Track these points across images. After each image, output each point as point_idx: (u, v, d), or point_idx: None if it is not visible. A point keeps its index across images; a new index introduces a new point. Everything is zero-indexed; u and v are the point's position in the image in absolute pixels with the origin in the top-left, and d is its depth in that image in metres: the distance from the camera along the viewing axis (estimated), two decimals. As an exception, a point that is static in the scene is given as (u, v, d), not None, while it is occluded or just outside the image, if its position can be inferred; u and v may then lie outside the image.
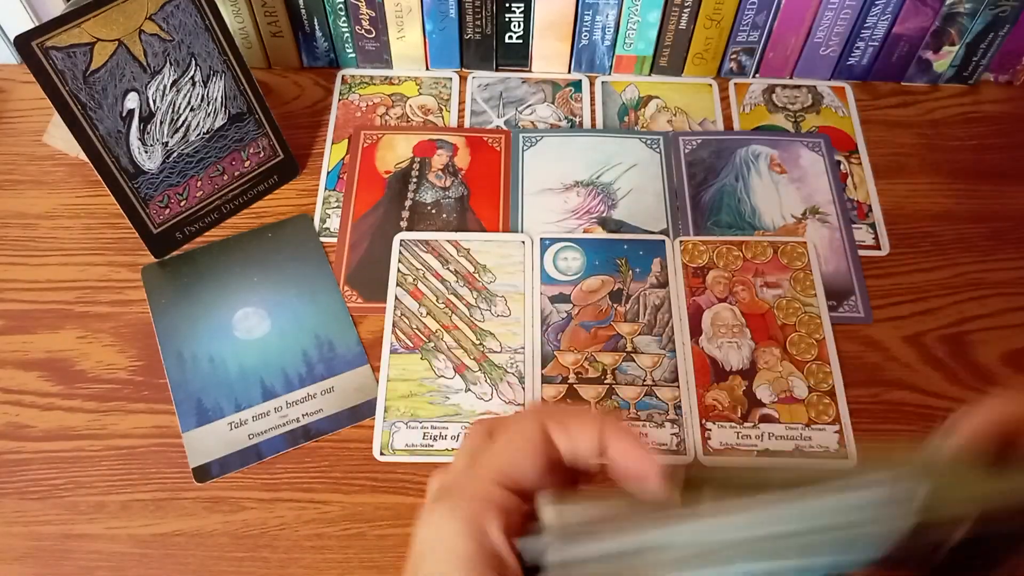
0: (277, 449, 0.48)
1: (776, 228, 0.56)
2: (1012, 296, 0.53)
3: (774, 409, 0.49)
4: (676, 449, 0.48)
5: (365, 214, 0.56)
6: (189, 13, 0.50)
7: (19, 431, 0.48)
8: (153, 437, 0.48)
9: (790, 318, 0.52)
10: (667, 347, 0.51)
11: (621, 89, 0.63)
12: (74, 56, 0.47)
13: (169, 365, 0.50)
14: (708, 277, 0.53)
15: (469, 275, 0.54)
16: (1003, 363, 0.51)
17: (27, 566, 0.44)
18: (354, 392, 0.49)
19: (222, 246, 0.55)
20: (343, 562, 0.44)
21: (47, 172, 0.58)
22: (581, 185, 0.57)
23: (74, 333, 0.51)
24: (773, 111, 0.62)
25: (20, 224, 0.56)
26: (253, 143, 0.55)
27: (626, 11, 0.59)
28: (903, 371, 0.51)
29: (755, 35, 0.61)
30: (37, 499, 0.46)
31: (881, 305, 0.53)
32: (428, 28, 0.60)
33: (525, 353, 0.51)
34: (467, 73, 0.64)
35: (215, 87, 0.52)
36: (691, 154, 0.59)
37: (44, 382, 0.50)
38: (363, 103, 0.62)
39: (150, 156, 0.51)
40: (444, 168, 0.58)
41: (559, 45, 0.62)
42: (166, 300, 0.52)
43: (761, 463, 0.48)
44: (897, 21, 0.59)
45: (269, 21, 0.60)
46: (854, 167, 0.59)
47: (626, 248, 0.55)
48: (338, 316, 0.52)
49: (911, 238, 0.56)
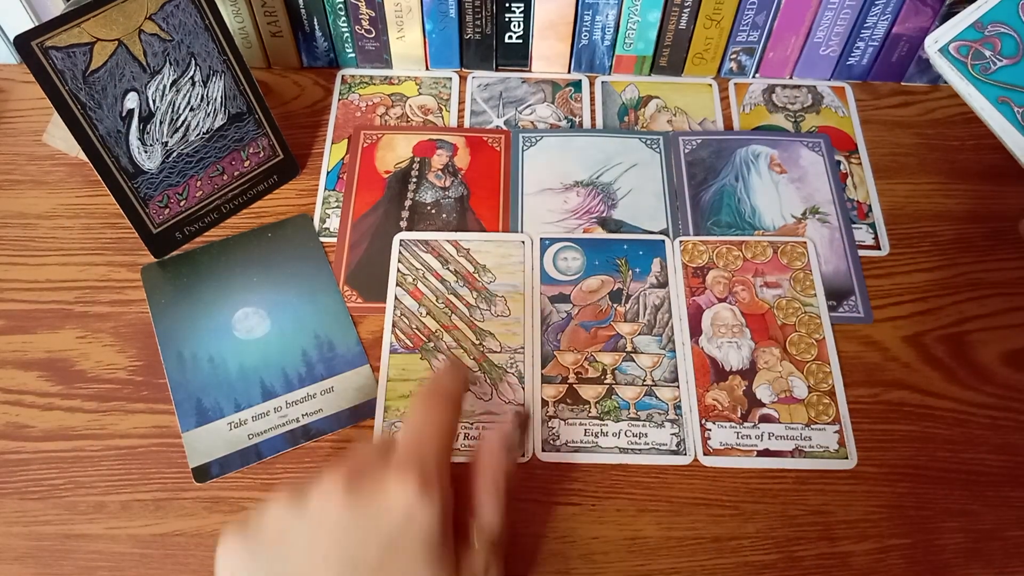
0: (277, 449, 0.48)
1: (776, 228, 0.56)
2: (1012, 296, 0.53)
3: (774, 409, 0.49)
4: (676, 449, 0.48)
5: (365, 214, 0.56)
6: (189, 13, 0.50)
7: (19, 431, 0.48)
8: (153, 437, 0.48)
9: (790, 318, 0.52)
10: (667, 347, 0.51)
11: (621, 89, 0.63)
12: (74, 56, 0.47)
13: (169, 365, 0.50)
14: (708, 277, 0.53)
15: (469, 275, 0.54)
16: (1003, 363, 0.51)
17: (27, 566, 0.44)
18: (354, 392, 0.49)
19: (222, 246, 0.55)
20: (343, 562, 0.45)
21: (47, 172, 0.58)
22: (581, 185, 0.57)
23: (74, 333, 0.51)
24: (773, 111, 0.62)
25: (20, 224, 0.56)
26: (253, 143, 0.55)
27: (626, 11, 0.59)
28: (903, 371, 0.51)
29: (755, 35, 0.61)
30: (37, 499, 0.46)
31: (881, 305, 0.53)
32: (428, 28, 0.60)
33: (525, 353, 0.51)
34: (467, 73, 0.64)
35: (215, 87, 0.52)
36: (691, 154, 0.59)
37: (44, 382, 0.50)
38: (363, 103, 0.62)
39: (150, 156, 0.51)
40: (444, 168, 0.58)
41: (559, 45, 0.62)
42: (166, 300, 0.52)
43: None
44: (897, 21, 0.59)
45: (269, 21, 0.60)
46: (854, 167, 0.59)
47: (626, 248, 0.55)
48: (338, 316, 0.52)
49: (911, 238, 0.56)
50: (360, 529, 0.31)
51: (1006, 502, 0.47)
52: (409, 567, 0.31)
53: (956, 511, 0.46)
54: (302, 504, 0.32)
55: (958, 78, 0.43)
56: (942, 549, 0.45)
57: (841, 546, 0.45)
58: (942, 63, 0.44)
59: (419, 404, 0.36)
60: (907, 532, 0.46)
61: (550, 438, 0.48)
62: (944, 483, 0.47)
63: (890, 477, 0.47)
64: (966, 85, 0.43)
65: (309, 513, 0.32)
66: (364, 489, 0.32)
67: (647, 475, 0.47)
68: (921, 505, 0.46)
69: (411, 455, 0.33)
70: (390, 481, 0.32)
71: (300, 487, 0.33)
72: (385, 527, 0.31)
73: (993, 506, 0.46)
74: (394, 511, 0.31)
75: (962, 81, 0.43)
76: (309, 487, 0.33)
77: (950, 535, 0.46)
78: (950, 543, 0.45)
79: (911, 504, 0.46)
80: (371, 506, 0.31)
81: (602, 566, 0.44)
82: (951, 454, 0.48)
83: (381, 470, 0.33)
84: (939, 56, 0.43)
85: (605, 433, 0.48)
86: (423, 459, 0.33)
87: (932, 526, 0.46)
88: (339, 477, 0.32)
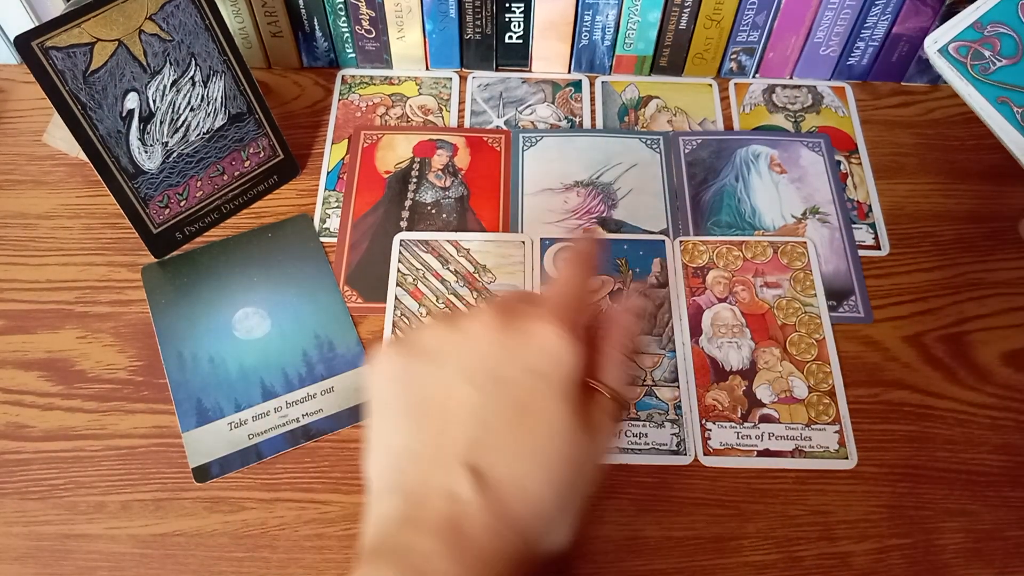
0: (277, 449, 0.48)
1: (776, 228, 0.56)
2: (1012, 296, 0.53)
3: (774, 409, 0.49)
4: (676, 449, 0.48)
5: (365, 214, 0.56)
6: (189, 13, 0.50)
7: (19, 431, 0.48)
8: (153, 437, 0.48)
9: (790, 318, 0.52)
10: (667, 347, 0.51)
11: (621, 89, 0.63)
12: (74, 56, 0.47)
13: (169, 365, 0.50)
14: (708, 277, 0.53)
15: (469, 275, 0.54)
16: (1003, 363, 0.51)
17: (27, 566, 0.44)
18: (354, 392, 0.49)
19: (222, 246, 0.55)
20: (343, 562, 0.44)
21: (47, 172, 0.58)
22: (581, 185, 0.57)
23: (74, 333, 0.51)
24: (773, 111, 0.62)
25: (20, 224, 0.56)
26: (253, 143, 0.55)
27: (626, 11, 0.59)
28: (903, 371, 0.51)
29: (755, 35, 0.61)
30: (37, 499, 0.46)
31: (881, 305, 0.53)
32: (428, 28, 0.60)
33: (525, 353, 0.51)
34: (467, 73, 0.64)
35: (215, 87, 0.52)
36: (691, 154, 0.59)
37: (44, 382, 0.50)
38: (363, 103, 0.62)
39: (150, 156, 0.51)
40: (444, 168, 0.58)
41: (559, 45, 0.62)
42: (166, 300, 0.52)
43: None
44: (897, 21, 0.59)
45: (269, 21, 0.60)
46: (854, 167, 0.59)
47: (626, 248, 0.55)
48: (338, 316, 0.52)
49: (911, 238, 0.56)
50: (509, 353, 0.32)
51: (1006, 502, 0.47)
52: (548, 399, 0.32)
53: (956, 511, 0.46)
54: (457, 324, 0.33)
55: (957, 78, 0.44)
56: (942, 549, 0.45)
57: (841, 546, 0.45)
58: (941, 63, 0.44)
59: (565, 267, 0.38)
60: (907, 532, 0.46)
61: (550, 438, 0.48)
62: (944, 483, 0.47)
63: (890, 477, 0.47)
64: (965, 85, 0.43)
65: (463, 331, 0.33)
66: (516, 323, 0.33)
67: (647, 475, 0.47)
68: (921, 505, 0.46)
69: (559, 306, 0.34)
70: (541, 321, 0.33)
71: (453, 315, 0.35)
72: (532, 358, 0.32)
73: (993, 506, 0.46)
74: (543, 347, 0.32)
75: (961, 81, 0.43)
76: (463, 314, 0.34)
77: (950, 535, 0.46)
78: (950, 543, 0.45)
79: (911, 504, 0.46)
80: (521, 336, 0.33)
81: (602, 566, 0.44)
82: (951, 454, 0.48)
83: (530, 309, 0.34)
84: (938, 56, 0.44)
85: (605, 433, 0.48)
86: (569, 311, 0.34)
87: (932, 526, 0.46)
88: (494, 308, 0.34)
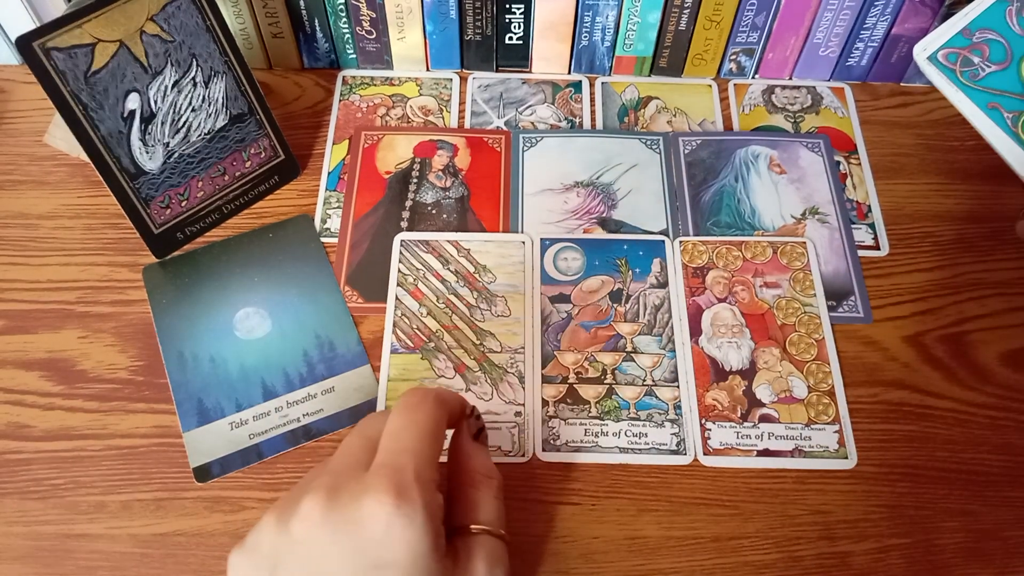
0: (278, 449, 0.48)
1: (776, 228, 0.56)
2: (1012, 296, 0.53)
3: (774, 409, 0.49)
4: (676, 449, 0.48)
5: (366, 214, 0.56)
6: (190, 14, 0.50)
7: (20, 431, 0.48)
8: (154, 437, 0.48)
9: (790, 318, 0.52)
10: (667, 347, 0.51)
11: (621, 90, 0.63)
12: (75, 57, 0.47)
13: (170, 365, 0.50)
14: (708, 277, 0.54)
15: (469, 275, 0.54)
16: (1003, 363, 0.51)
17: (27, 566, 0.44)
18: (355, 392, 0.50)
19: (223, 246, 0.55)
20: (343, 562, 0.45)
21: (48, 172, 0.58)
22: (581, 185, 0.58)
23: (75, 333, 0.52)
24: (773, 112, 0.62)
25: (21, 224, 0.56)
26: (254, 143, 0.55)
27: (626, 12, 0.59)
28: (903, 371, 0.51)
29: (755, 36, 0.61)
30: (38, 499, 0.46)
31: (881, 305, 0.53)
32: (428, 29, 0.61)
33: (525, 353, 0.51)
34: (467, 74, 0.64)
35: (216, 88, 0.53)
36: (691, 154, 0.59)
37: (45, 382, 0.50)
38: (364, 104, 0.62)
39: (151, 156, 0.51)
40: (444, 168, 0.58)
41: (559, 46, 0.62)
42: (167, 300, 0.53)
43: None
44: (897, 21, 0.59)
45: (270, 22, 0.60)
46: (853, 167, 0.59)
47: (626, 248, 0.55)
48: (339, 316, 0.52)
49: (911, 238, 0.56)
50: (343, 552, 0.31)
51: (1006, 502, 0.47)
52: None
53: (956, 511, 0.46)
54: (287, 527, 0.32)
55: (947, 85, 0.44)
56: (942, 549, 0.45)
57: (841, 546, 0.45)
58: (931, 70, 0.44)
59: (399, 406, 0.35)
60: (907, 532, 0.46)
61: (550, 438, 0.48)
62: (944, 483, 0.47)
63: (890, 477, 0.47)
64: (956, 92, 0.44)
65: (293, 537, 0.32)
66: (345, 511, 0.31)
67: (647, 475, 0.47)
68: (921, 505, 0.46)
69: (387, 466, 0.32)
70: (373, 498, 0.31)
71: (287, 503, 0.33)
72: (372, 550, 0.31)
73: (993, 506, 0.46)
74: (380, 534, 0.30)
75: (951, 88, 0.44)
76: (292, 508, 0.32)
77: (950, 535, 0.46)
78: (950, 543, 0.45)
79: (911, 504, 0.46)
80: (352, 527, 0.31)
81: (602, 566, 0.44)
82: (951, 454, 0.48)
83: (358, 483, 0.32)
84: (928, 64, 0.44)
85: (605, 433, 0.48)
86: (400, 468, 0.32)
87: (932, 526, 0.46)
88: (318, 498, 0.32)
